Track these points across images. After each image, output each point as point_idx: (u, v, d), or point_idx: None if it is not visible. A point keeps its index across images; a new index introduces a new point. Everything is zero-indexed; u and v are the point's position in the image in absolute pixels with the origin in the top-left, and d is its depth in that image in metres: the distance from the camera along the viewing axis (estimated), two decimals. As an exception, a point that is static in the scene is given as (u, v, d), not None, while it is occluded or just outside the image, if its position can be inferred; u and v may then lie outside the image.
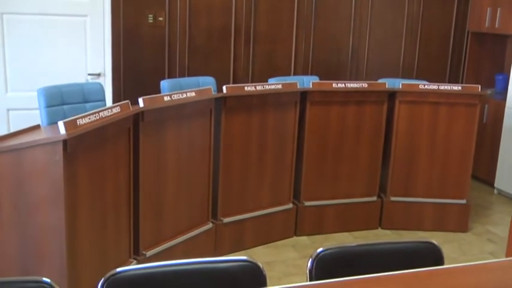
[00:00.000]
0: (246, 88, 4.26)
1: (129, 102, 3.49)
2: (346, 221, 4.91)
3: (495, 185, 6.21)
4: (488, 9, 6.36)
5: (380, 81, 5.17)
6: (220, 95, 4.15)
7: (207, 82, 4.92)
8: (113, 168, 3.37)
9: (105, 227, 3.35)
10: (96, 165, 3.21)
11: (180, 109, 3.83)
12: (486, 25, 6.42)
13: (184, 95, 3.85)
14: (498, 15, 6.23)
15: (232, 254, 4.36)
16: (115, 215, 3.42)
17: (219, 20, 5.76)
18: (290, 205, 4.71)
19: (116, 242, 3.46)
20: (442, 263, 2.15)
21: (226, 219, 4.35)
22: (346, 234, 4.89)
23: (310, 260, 2.05)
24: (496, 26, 6.28)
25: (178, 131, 3.86)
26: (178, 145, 3.89)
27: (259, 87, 4.31)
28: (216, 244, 4.30)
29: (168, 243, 3.87)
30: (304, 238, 4.77)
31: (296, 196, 4.77)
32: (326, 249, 2.07)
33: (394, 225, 5.03)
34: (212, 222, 4.27)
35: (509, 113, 6.00)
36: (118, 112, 3.33)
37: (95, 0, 5.07)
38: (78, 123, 2.97)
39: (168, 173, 3.84)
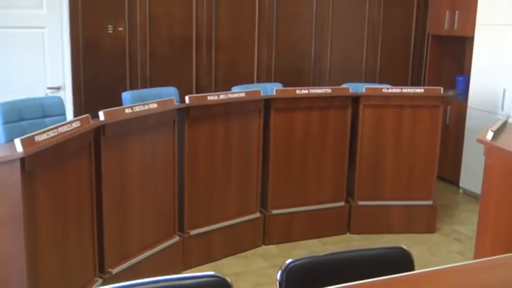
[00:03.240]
0: (209, 97, 4.21)
1: (89, 116, 3.41)
2: (315, 227, 4.89)
3: (460, 184, 6.27)
4: (447, 12, 6.44)
5: (343, 86, 5.19)
6: (182, 105, 4.09)
7: (170, 93, 4.85)
8: (75, 185, 3.28)
9: (68, 246, 3.25)
10: (57, 182, 3.12)
11: (142, 121, 3.75)
12: (445, 28, 6.50)
13: (146, 107, 3.78)
14: (456, 17, 6.32)
15: (201, 266, 4.30)
16: (78, 233, 3.33)
17: (180, 29, 5.71)
18: (257, 214, 4.66)
19: (80, 261, 3.37)
20: (412, 268, 2.13)
21: (193, 232, 4.28)
22: (315, 241, 4.86)
23: (280, 271, 2.01)
24: (455, 28, 6.37)
25: (141, 143, 3.79)
26: (142, 158, 3.81)
27: (222, 96, 4.27)
28: (184, 257, 4.22)
29: (135, 259, 3.78)
30: (273, 247, 4.72)
31: (263, 205, 4.73)
32: (295, 260, 2.03)
33: (363, 229, 5.03)
34: (179, 235, 4.20)
35: (471, 113, 6.07)
36: (78, 127, 3.24)
37: (52, 12, 4.96)
38: (36, 139, 2.87)
39: (132, 187, 3.76)
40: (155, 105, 3.85)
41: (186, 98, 4.13)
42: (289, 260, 2.02)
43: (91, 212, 3.43)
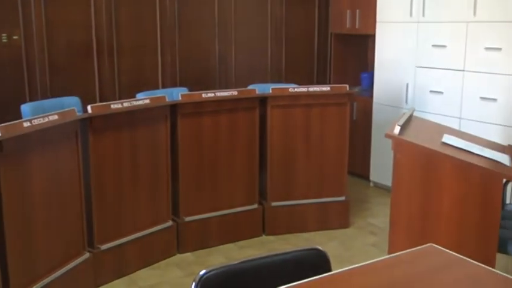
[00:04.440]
0: (112, 106, 4.05)
1: (-18, 134, 3.19)
2: (230, 231, 4.83)
3: (370, 178, 6.40)
4: (348, 11, 6.56)
5: (250, 87, 5.15)
6: (85, 115, 3.92)
7: (72, 103, 4.66)
8: (-30, 207, 3.06)
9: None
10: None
11: (43, 135, 3.55)
12: (347, 26, 6.62)
13: (46, 119, 3.58)
14: (357, 16, 6.44)
15: (115, 281, 4.15)
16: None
17: (79, 35, 5.50)
18: (170, 222, 4.55)
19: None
20: (329, 268, 2.11)
21: (104, 246, 4.10)
22: (230, 245, 4.80)
23: (194, 284, 1.92)
24: (357, 26, 6.50)
25: (43, 158, 3.58)
26: (45, 174, 3.60)
27: (126, 104, 4.12)
28: (96, 274, 4.04)
29: (43, 281, 3.56)
30: (188, 255, 4.62)
31: (175, 212, 4.62)
32: (209, 271, 1.95)
33: (278, 230, 5.01)
34: (89, 251, 4.01)
35: (377, 108, 6.21)
36: (-29, 144, 3.03)
37: None
38: None
39: (36, 205, 3.54)
40: (56, 117, 3.66)
41: (89, 108, 3.96)
42: (202, 271, 1.94)
43: (-10, 234, 3.21)
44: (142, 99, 4.29)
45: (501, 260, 3.69)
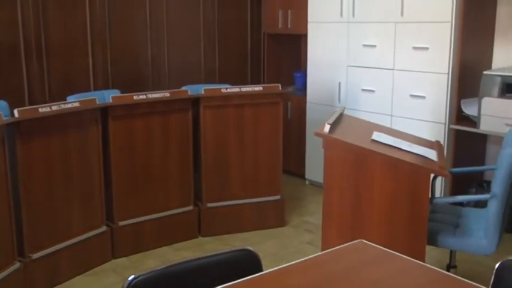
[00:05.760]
0: (40, 109, 3.94)
1: None
2: (165, 234, 4.78)
3: (306, 176, 6.46)
4: (280, 11, 6.61)
5: (183, 88, 5.13)
6: (11, 120, 3.79)
7: (-1, 107, 4.52)
8: None
9: None
10: None
11: (-34, 141, 3.44)
12: (280, 26, 6.66)
13: (-30, 125, 3.47)
14: (289, 16, 6.50)
15: (48, 290, 4.06)
16: None
17: (5, 35, 5.30)
18: (104, 228, 4.47)
19: None
20: (260, 269, 2.12)
21: (36, 255, 3.98)
22: (166, 248, 4.76)
23: (122, 291, 1.89)
24: (289, 26, 6.55)
25: (-34, 165, 3.47)
26: (-31, 181, 3.49)
27: (54, 107, 4.02)
28: (27, 284, 3.90)
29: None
30: (123, 259, 4.55)
31: (109, 217, 4.54)
32: (137, 276, 1.93)
33: (215, 231, 5.00)
34: (19, 260, 3.88)
35: (310, 107, 6.28)
36: None
37: None
38: None
39: (-40, 213, 3.42)
40: (-20, 122, 3.54)
41: (15, 112, 3.84)
42: (130, 277, 1.91)
43: None
44: (71, 102, 4.19)
45: (431, 251, 3.81)
